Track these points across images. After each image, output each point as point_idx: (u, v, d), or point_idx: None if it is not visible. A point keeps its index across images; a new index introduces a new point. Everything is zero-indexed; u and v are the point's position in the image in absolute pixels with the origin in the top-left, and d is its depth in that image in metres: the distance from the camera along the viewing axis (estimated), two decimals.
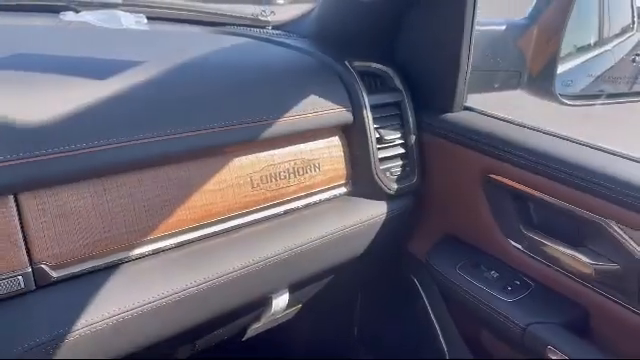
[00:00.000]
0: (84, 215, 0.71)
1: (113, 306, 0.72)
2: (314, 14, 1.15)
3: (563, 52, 1.21)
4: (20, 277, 0.67)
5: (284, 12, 1.27)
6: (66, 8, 1.06)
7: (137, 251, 0.77)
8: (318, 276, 1.01)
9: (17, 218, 0.67)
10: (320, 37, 1.09)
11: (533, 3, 1.19)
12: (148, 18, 1.10)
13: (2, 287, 0.66)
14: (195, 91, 0.82)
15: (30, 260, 0.68)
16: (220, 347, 1.09)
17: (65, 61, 0.80)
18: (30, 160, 0.65)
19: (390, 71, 1.06)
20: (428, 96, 1.07)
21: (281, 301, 0.97)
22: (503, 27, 1.22)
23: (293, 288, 0.98)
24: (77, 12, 1.06)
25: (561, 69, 1.21)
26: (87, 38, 0.93)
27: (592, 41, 1.49)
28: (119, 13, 1.05)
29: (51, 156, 0.67)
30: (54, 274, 0.70)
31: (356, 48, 1.04)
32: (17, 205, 0.67)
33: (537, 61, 1.17)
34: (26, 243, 0.68)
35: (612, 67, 1.63)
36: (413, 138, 1.06)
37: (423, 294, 1.17)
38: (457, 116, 1.06)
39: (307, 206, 0.96)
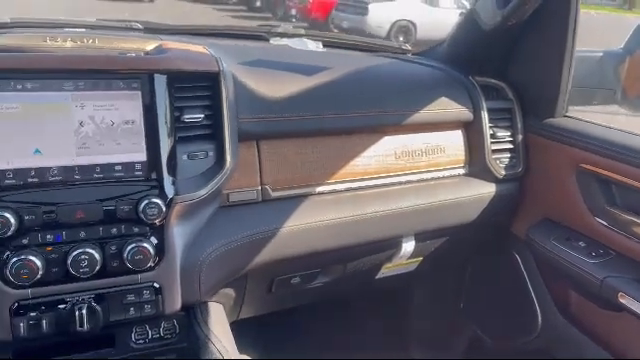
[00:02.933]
0: (293, 160, 1.13)
1: (303, 220, 1.12)
2: (445, 43, 1.52)
3: None
4: (254, 191, 1.09)
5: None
6: (270, 35, 1.55)
7: (319, 189, 1.16)
8: (437, 232, 1.33)
9: (257, 156, 1.10)
10: (450, 59, 1.44)
11: (627, 37, 1.46)
12: (324, 45, 1.54)
13: (246, 195, 1.08)
14: (364, 87, 1.22)
15: (261, 182, 1.10)
16: (349, 300, 1.42)
17: (283, 64, 1.24)
18: (268, 119, 1.08)
19: (504, 84, 1.38)
20: (535, 105, 1.36)
21: (409, 246, 1.30)
22: (601, 54, 1.48)
23: (418, 237, 1.31)
24: (271, 38, 1.55)
25: None
26: (291, 54, 1.39)
27: None
28: (305, 40, 1.50)
29: (280, 118, 1.09)
30: (272, 194, 1.11)
31: (478, 67, 1.38)
32: (257, 147, 1.10)
33: (630, 82, 1.42)
34: (260, 171, 1.10)
35: None
36: (520, 137, 1.36)
37: (523, 268, 1.42)
38: (558, 121, 1.34)
39: (433, 179, 1.30)
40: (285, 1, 14.41)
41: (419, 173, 1.28)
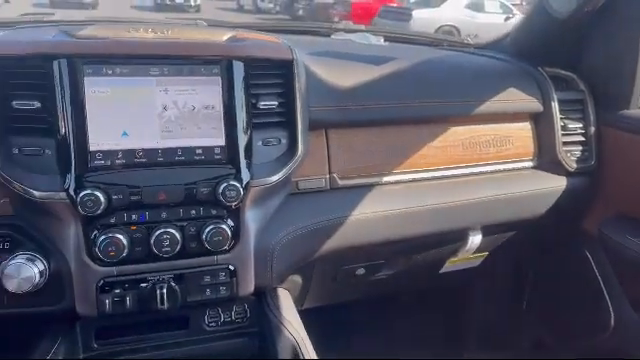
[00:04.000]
0: (361, 149, 1.13)
1: (370, 209, 1.12)
2: (510, 36, 1.49)
3: None
4: (323, 179, 1.10)
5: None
6: (331, 31, 1.56)
7: (386, 178, 1.16)
8: (505, 226, 1.30)
9: (326, 144, 1.11)
10: (517, 51, 1.41)
11: None
12: (385, 39, 1.54)
13: (315, 183, 1.09)
14: (431, 77, 1.21)
15: (329, 170, 1.11)
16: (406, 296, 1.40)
17: (350, 55, 1.25)
18: (337, 108, 1.09)
19: (575, 75, 1.34)
20: (608, 96, 1.31)
21: (475, 239, 1.28)
22: None
23: (485, 231, 1.28)
24: (332, 34, 1.57)
25: None
26: (356, 46, 1.40)
27: None
28: (367, 35, 1.51)
29: (349, 107, 1.10)
30: (340, 182, 1.12)
31: (547, 58, 1.35)
32: (326, 136, 1.11)
33: None
34: (328, 160, 1.11)
35: None
36: (593, 129, 1.31)
37: (594, 265, 1.37)
38: (633, 112, 1.28)
39: (500, 171, 1.27)
40: (328, 9, 14.55)
41: (486, 165, 1.26)
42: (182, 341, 1.03)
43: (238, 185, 0.92)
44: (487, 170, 1.25)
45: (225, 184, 0.92)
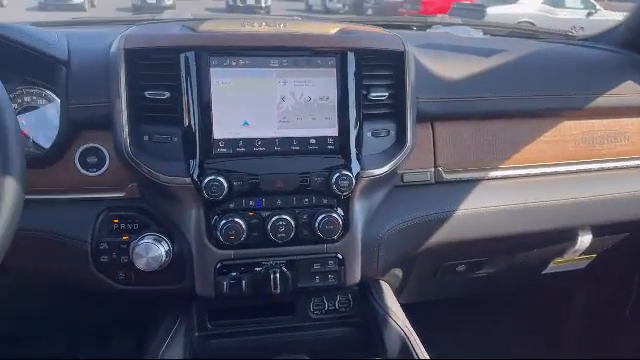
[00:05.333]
0: (467, 142, 1.11)
1: (475, 204, 1.09)
2: (623, 27, 1.40)
3: None
4: (428, 172, 1.09)
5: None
6: (426, 25, 1.55)
7: (493, 173, 1.13)
8: (618, 227, 1.23)
9: (431, 137, 1.09)
10: (631, 43, 1.33)
11: None
12: (484, 32, 1.51)
13: (420, 176, 1.08)
14: (539, 69, 1.17)
15: (434, 163, 1.10)
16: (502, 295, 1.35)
17: (454, 47, 1.23)
18: (445, 100, 1.07)
19: None
20: None
21: (585, 240, 1.22)
22: None
23: (596, 232, 1.22)
24: (427, 29, 1.55)
25: None
26: (457, 39, 1.37)
27: None
28: (467, 28, 1.48)
29: (456, 99, 1.08)
30: (445, 176, 1.10)
31: None
32: (432, 128, 1.10)
33: None
34: (434, 152, 1.09)
35: None
36: None
37: None
38: None
39: (614, 168, 1.20)
40: (397, 8, 14.40)
41: (599, 162, 1.19)
42: (288, 327, 1.06)
43: (351, 175, 0.93)
44: (600, 167, 1.19)
45: (338, 174, 0.93)
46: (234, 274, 0.94)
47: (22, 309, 1.25)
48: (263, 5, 18.45)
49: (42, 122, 0.94)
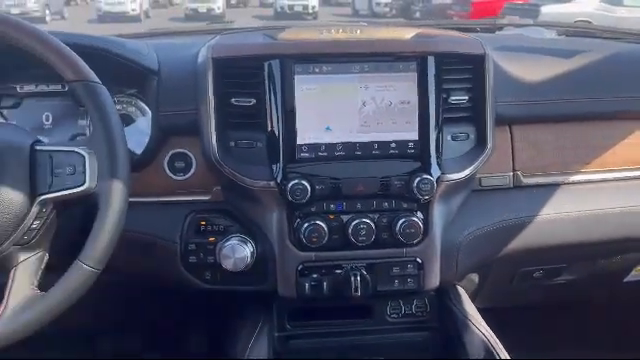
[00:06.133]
0: (546, 146, 1.08)
1: (555, 209, 1.06)
2: None
3: None
4: (506, 177, 1.07)
5: None
6: (494, 27, 1.53)
7: (573, 177, 1.09)
8: None
9: (510, 140, 1.07)
10: None
11: None
12: (558, 33, 1.47)
13: (498, 180, 1.06)
14: (622, 71, 1.13)
15: (513, 167, 1.08)
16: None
17: (530, 49, 1.20)
18: (524, 103, 1.05)
19: None
20: None
21: None
22: None
23: None
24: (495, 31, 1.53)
25: None
26: (531, 41, 1.34)
27: None
28: (540, 29, 1.45)
29: (536, 102, 1.06)
30: (524, 180, 1.08)
31: None
32: (510, 132, 1.08)
33: None
34: (512, 156, 1.07)
35: None
36: None
37: None
38: None
39: None
40: (446, 10, 14.19)
41: None
42: (366, 329, 1.07)
43: (432, 179, 0.93)
44: None
45: (419, 178, 0.93)
46: (315, 276, 0.96)
47: (101, 307, 1.32)
48: (310, 11, 18.66)
49: (134, 129, 0.99)
